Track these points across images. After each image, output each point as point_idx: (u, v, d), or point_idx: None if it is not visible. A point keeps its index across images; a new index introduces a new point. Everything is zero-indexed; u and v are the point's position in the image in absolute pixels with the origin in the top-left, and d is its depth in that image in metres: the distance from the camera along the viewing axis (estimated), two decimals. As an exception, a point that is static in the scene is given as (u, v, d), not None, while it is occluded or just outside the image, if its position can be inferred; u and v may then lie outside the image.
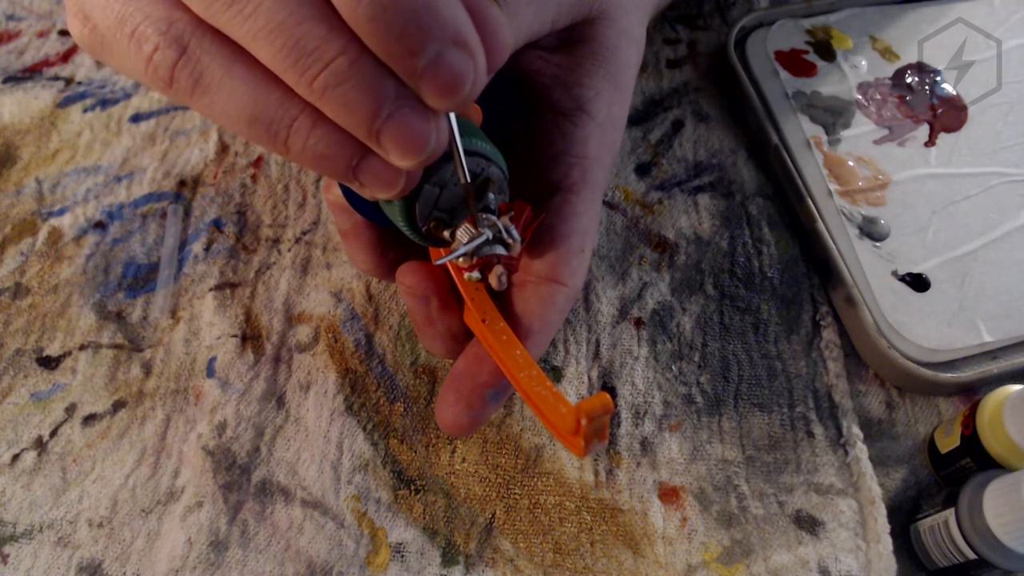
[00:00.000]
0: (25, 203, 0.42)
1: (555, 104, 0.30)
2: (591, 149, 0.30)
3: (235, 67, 0.21)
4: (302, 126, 0.21)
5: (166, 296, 0.39)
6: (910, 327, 0.37)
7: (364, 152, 0.21)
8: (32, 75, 0.47)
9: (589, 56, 0.31)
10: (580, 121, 0.30)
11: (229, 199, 0.42)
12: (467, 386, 0.27)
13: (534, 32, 0.28)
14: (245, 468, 0.35)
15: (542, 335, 0.27)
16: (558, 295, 0.27)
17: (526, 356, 0.25)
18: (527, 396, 0.24)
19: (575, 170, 0.29)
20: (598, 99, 0.30)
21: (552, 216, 0.28)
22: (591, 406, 0.22)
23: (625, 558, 0.33)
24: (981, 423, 0.33)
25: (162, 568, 0.33)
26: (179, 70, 0.21)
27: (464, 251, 0.25)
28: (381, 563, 0.33)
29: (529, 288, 0.28)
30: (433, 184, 0.24)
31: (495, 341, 0.25)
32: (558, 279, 0.27)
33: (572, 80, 0.30)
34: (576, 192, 0.29)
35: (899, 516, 0.35)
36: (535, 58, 0.31)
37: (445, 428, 0.27)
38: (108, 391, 0.37)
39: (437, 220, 0.25)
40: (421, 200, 0.24)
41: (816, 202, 0.40)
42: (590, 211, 0.29)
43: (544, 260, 0.28)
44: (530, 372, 0.24)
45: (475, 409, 0.27)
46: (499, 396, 0.27)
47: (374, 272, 0.31)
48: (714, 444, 0.36)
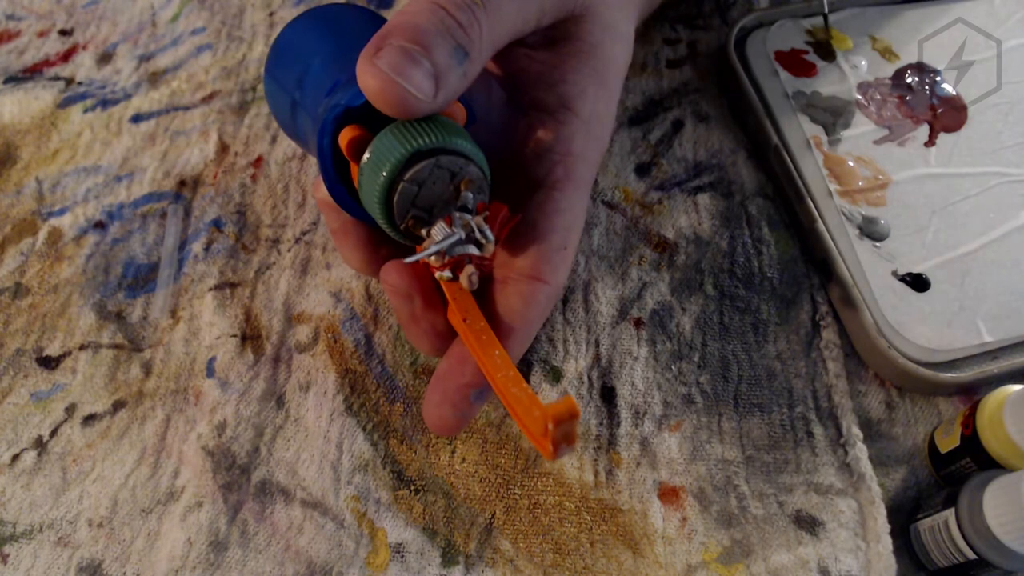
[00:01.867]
0: (25, 203, 0.42)
1: (540, 102, 0.30)
2: (576, 146, 0.29)
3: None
4: None
5: (166, 296, 0.39)
6: (910, 327, 0.37)
7: None
8: (32, 75, 0.47)
9: (573, 53, 0.30)
10: (565, 118, 0.30)
11: (229, 199, 0.42)
12: (451, 386, 0.27)
13: (517, 30, 0.28)
14: (245, 468, 0.35)
15: (523, 333, 0.27)
16: (539, 293, 0.27)
17: (504, 356, 0.25)
18: (503, 396, 0.24)
19: (559, 167, 0.29)
20: (582, 96, 0.30)
21: (535, 213, 0.28)
22: (557, 411, 0.22)
23: (625, 558, 0.33)
24: (981, 423, 0.33)
25: (162, 568, 0.33)
26: None
27: (435, 250, 0.25)
28: (381, 563, 0.33)
29: (511, 285, 0.27)
30: (411, 182, 0.24)
31: (475, 341, 0.25)
32: (540, 277, 0.27)
33: (556, 77, 0.30)
34: (560, 189, 0.29)
35: (899, 516, 0.35)
36: (520, 56, 0.31)
37: (432, 427, 0.27)
38: (108, 391, 0.37)
39: (415, 218, 0.25)
40: (399, 197, 0.25)
41: (816, 202, 0.40)
42: (574, 208, 0.29)
43: (526, 257, 0.27)
44: (507, 373, 0.24)
45: (460, 409, 0.27)
46: (483, 395, 0.27)
47: (365, 270, 0.31)
48: (714, 444, 0.36)
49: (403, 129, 0.24)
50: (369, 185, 0.25)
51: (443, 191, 0.25)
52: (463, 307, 0.26)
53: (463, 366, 0.27)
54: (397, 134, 0.24)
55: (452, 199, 0.25)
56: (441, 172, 0.25)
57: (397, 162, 0.24)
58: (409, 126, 0.24)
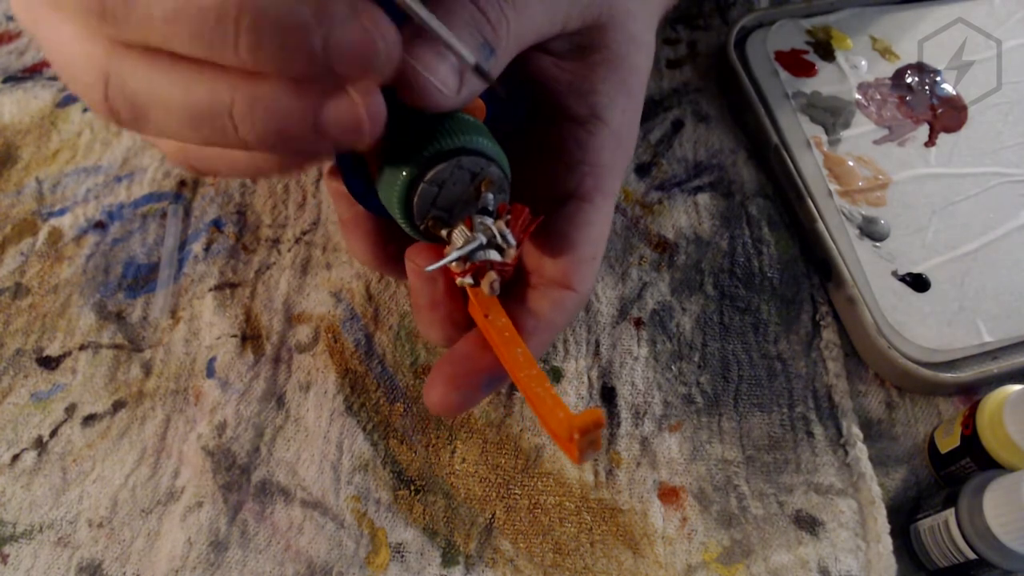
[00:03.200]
0: (25, 203, 0.42)
1: (569, 111, 0.30)
2: (605, 157, 0.30)
3: (155, 75, 0.20)
4: (241, 102, 0.20)
5: (166, 296, 0.39)
6: (910, 327, 0.37)
7: (316, 102, 0.20)
8: (32, 75, 0.47)
9: (601, 63, 0.31)
10: (595, 129, 0.30)
11: (229, 199, 0.42)
12: (465, 368, 0.26)
13: (544, 32, 0.28)
14: (245, 468, 0.35)
15: (547, 335, 0.27)
16: (568, 300, 0.28)
17: (527, 355, 0.25)
18: (526, 395, 0.24)
19: (588, 179, 0.29)
20: (612, 106, 0.30)
21: (565, 224, 0.28)
22: (584, 422, 0.22)
23: (625, 558, 0.33)
24: (981, 423, 0.33)
25: (162, 568, 0.33)
26: (112, 100, 0.20)
27: (456, 256, 0.25)
28: (381, 563, 0.33)
29: (541, 291, 0.28)
30: (431, 183, 0.24)
31: (497, 337, 0.25)
32: (570, 285, 0.28)
33: (586, 87, 0.30)
34: (589, 200, 0.29)
35: (899, 516, 0.35)
36: (549, 64, 0.31)
37: (432, 404, 0.27)
38: (108, 391, 0.37)
39: (435, 219, 0.25)
40: (419, 199, 0.24)
41: (816, 202, 0.40)
42: (602, 220, 0.29)
43: (556, 266, 0.28)
44: (530, 372, 0.24)
45: (468, 392, 0.26)
46: (493, 384, 0.27)
47: (372, 264, 0.31)
48: (714, 444, 0.36)
49: (424, 127, 0.24)
50: (388, 185, 0.25)
51: (463, 192, 0.25)
52: (485, 304, 0.26)
53: (482, 352, 0.26)
54: (418, 133, 0.24)
55: (472, 199, 0.25)
56: (462, 173, 0.24)
57: (417, 163, 0.24)
58: (430, 124, 0.24)
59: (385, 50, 0.20)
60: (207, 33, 0.19)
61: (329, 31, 0.19)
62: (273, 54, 0.19)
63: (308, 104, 0.20)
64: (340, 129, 0.21)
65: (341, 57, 0.19)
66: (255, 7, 0.18)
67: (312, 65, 0.19)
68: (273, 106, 0.20)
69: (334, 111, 0.20)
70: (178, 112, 0.20)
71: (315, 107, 0.20)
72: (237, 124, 0.20)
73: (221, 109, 0.20)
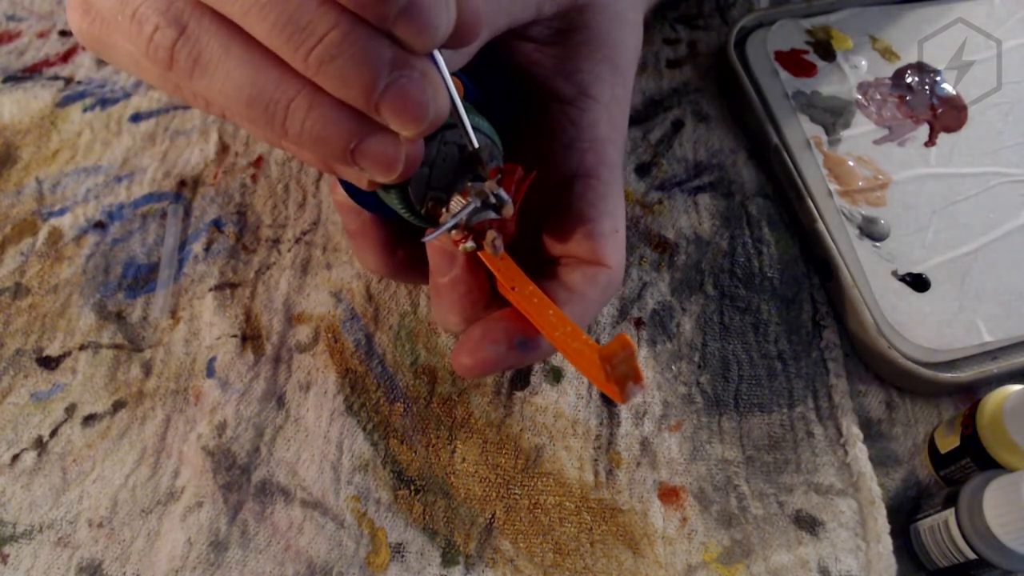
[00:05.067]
0: (25, 203, 0.42)
1: (558, 93, 0.30)
2: (602, 131, 0.30)
3: (232, 46, 0.21)
4: (299, 105, 0.21)
5: (166, 296, 0.39)
6: (910, 327, 0.37)
7: (362, 133, 0.21)
8: (32, 75, 0.47)
9: (583, 42, 0.31)
10: (586, 105, 0.30)
11: (229, 199, 0.42)
12: (501, 327, 0.26)
13: (517, 17, 0.28)
14: (245, 468, 0.35)
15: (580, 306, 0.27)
16: (600, 275, 0.28)
17: (559, 314, 0.25)
18: (565, 352, 0.25)
19: (589, 154, 0.29)
20: (599, 82, 0.30)
21: (579, 203, 0.28)
22: (610, 351, 0.22)
23: (625, 558, 0.33)
24: (981, 423, 0.33)
25: (162, 568, 0.33)
26: (179, 50, 0.21)
27: (453, 222, 0.25)
28: (381, 563, 0.33)
29: (572, 266, 0.28)
30: (421, 165, 0.24)
31: (526, 303, 0.25)
32: (600, 261, 0.28)
33: (571, 67, 0.30)
34: (596, 176, 0.29)
35: (899, 516, 0.35)
36: (531, 51, 0.31)
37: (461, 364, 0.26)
38: (108, 391, 0.37)
39: (434, 200, 0.25)
40: (413, 182, 0.25)
41: (816, 202, 0.40)
42: (614, 192, 0.29)
43: (580, 245, 0.28)
44: (564, 329, 0.24)
45: (500, 346, 0.26)
46: (526, 347, 0.26)
47: (384, 271, 0.31)
48: (714, 444, 0.36)
49: None
50: None
51: (455, 167, 0.25)
52: (508, 276, 0.26)
53: (520, 317, 0.26)
54: None
55: (466, 172, 0.25)
56: (449, 148, 0.25)
57: None
58: None
59: (433, 115, 0.21)
60: (290, 28, 0.20)
61: (396, 79, 0.20)
62: (337, 83, 0.20)
63: (356, 128, 0.21)
64: (371, 160, 0.22)
65: (392, 109, 0.20)
66: (340, 46, 0.20)
67: (366, 101, 0.20)
68: (328, 116, 0.21)
69: (375, 144, 0.21)
70: (237, 86, 0.21)
71: (361, 133, 0.21)
72: (288, 117, 0.21)
73: (282, 99, 0.21)
